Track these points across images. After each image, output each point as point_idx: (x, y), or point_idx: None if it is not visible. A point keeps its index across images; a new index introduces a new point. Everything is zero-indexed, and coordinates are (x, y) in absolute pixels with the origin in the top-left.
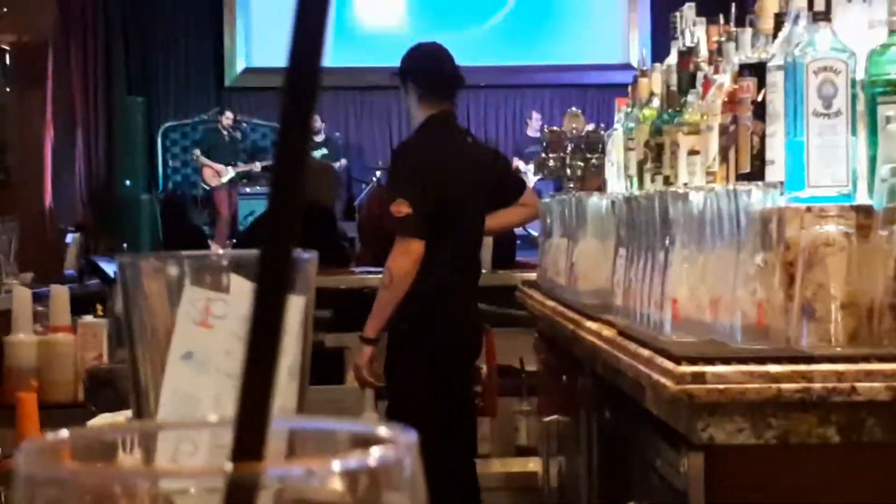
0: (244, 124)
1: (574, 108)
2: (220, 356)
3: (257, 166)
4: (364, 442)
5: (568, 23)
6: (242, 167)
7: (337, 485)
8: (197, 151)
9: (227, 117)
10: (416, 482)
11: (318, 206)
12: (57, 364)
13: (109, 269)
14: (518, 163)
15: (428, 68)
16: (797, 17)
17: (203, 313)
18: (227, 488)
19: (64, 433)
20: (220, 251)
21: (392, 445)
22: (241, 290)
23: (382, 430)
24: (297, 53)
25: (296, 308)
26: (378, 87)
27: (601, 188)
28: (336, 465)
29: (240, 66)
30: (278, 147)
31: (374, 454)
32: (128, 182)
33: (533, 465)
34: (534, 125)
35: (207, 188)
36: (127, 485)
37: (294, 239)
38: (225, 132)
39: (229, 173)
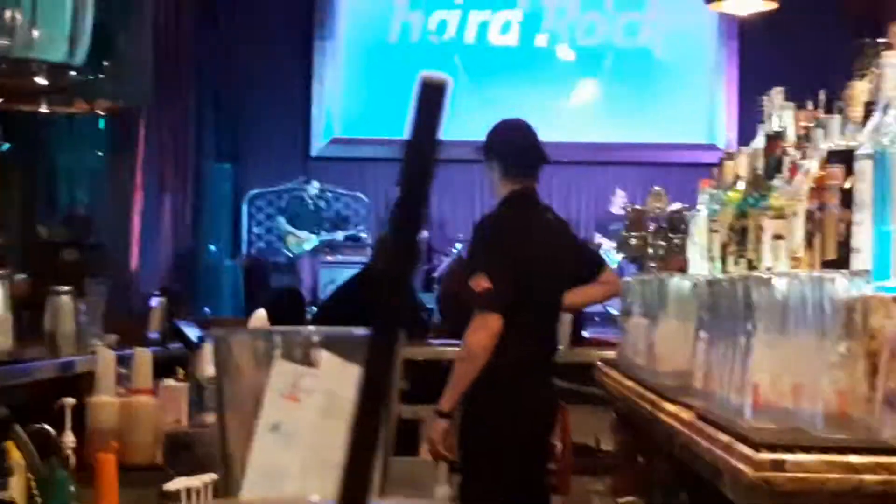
0: (329, 193)
1: (657, 187)
2: (307, 430)
3: (340, 235)
4: None
5: (654, 101)
6: (325, 236)
7: None
8: (281, 219)
9: (314, 186)
10: None
11: None
12: (137, 426)
13: (192, 333)
14: (601, 240)
15: (512, 144)
16: (887, 106)
17: (292, 387)
18: None
19: None
20: (312, 327)
21: None
22: (331, 366)
23: None
24: (417, 138)
25: None
26: (461, 160)
27: (683, 269)
28: None
29: (326, 136)
30: (392, 235)
31: None
32: (212, 247)
33: None
34: (617, 202)
35: (290, 255)
36: None
37: (401, 325)
38: (310, 201)
39: (312, 241)
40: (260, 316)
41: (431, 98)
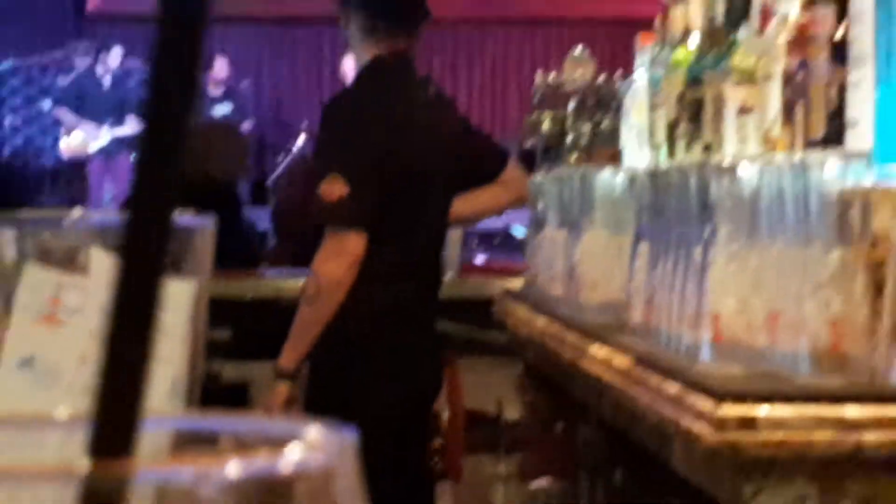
0: (114, 71)
1: (579, 50)
2: (73, 364)
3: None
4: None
5: None
6: (118, 129)
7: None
8: (48, 103)
9: (114, 55)
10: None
11: (214, 185)
12: None
13: None
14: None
15: None
16: None
17: (50, 304)
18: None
19: None
20: (78, 214)
21: (321, 447)
22: (106, 270)
23: (313, 432)
24: None
25: (181, 298)
26: (307, 17)
27: (615, 159)
28: (236, 467)
29: None
30: (147, 94)
31: (291, 457)
32: None
33: None
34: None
35: (68, 156)
36: None
37: (174, 196)
38: (104, 78)
39: (104, 137)
40: None
41: None
